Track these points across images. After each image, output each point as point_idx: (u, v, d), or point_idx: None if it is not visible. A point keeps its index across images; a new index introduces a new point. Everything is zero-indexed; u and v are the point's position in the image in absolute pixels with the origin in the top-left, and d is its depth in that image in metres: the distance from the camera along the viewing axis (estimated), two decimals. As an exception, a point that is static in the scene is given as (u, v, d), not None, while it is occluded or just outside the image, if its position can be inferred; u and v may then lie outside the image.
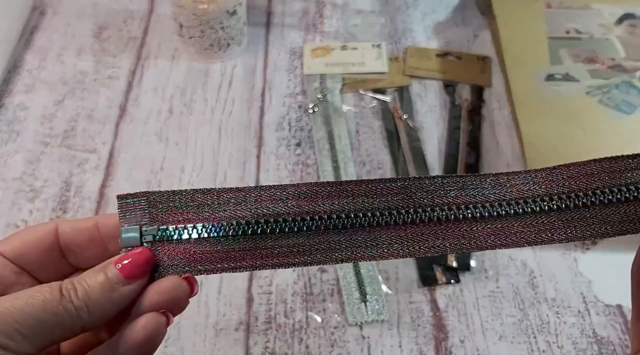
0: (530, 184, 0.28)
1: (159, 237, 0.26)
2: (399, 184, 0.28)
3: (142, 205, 0.27)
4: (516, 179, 0.28)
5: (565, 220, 0.28)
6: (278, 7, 0.71)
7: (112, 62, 0.63)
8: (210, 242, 0.26)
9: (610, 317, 0.47)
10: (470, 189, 0.28)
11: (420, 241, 0.27)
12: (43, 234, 0.27)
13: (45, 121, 0.58)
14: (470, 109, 0.60)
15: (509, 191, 0.28)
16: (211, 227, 0.26)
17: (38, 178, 0.54)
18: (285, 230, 0.27)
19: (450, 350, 0.45)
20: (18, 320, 0.23)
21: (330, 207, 0.27)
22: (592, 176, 0.28)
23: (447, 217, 0.27)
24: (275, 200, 0.27)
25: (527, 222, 0.28)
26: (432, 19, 0.70)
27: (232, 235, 0.26)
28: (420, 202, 0.28)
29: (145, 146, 0.57)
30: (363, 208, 0.27)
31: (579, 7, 0.67)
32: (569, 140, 0.54)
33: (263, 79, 0.63)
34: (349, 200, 0.27)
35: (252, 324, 0.46)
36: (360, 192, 0.27)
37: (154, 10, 0.69)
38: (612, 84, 0.58)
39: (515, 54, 0.63)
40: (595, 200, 0.27)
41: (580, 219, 0.27)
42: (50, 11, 0.68)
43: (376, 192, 0.28)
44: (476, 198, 0.28)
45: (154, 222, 0.26)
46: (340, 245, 0.27)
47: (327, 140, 0.57)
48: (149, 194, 0.27)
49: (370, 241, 0.27)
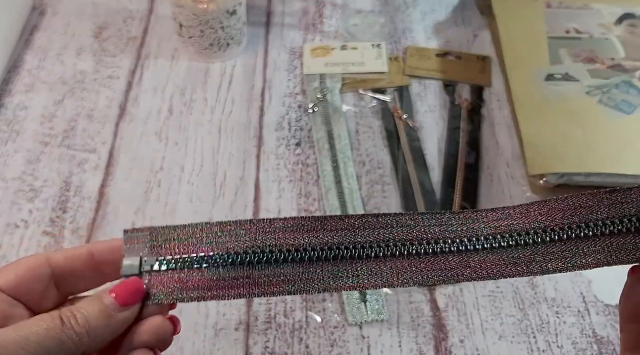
0: (507, 220, 0.29)
1: (157, 267, 0.29)
2: (380, 219, 0.29)
3: (145, 239, 0.29)
4: (493, 215, 0.29)
5: (541, 254, 0.29)
6: (278, 7, 0.71)
7: (112, 62, 0.63)
8: (203, 272, 0.29)
9: (610, 317, 0.47)
10: (448, 226, 0.29)
11: (399, 274, 0.29)
12: (36, 265, 0.29)
13: (45, 121, 0.58)
14: (470, 109, 0.60)
15: (486, 227, 0.29)
16: (205, 258, 0.29)
17: (38, 178, 0.54)
18: (272, 261, 0.29)
19: (450, 350, 0.45)
20: (25, 348, 0.24)
21: (315, 241, 0.29)
22: (567, 212, 0.29)
23: (426, 251, 0.29)
24: (264, 233, 0.29)
25: (502, 256, 0.29)
26: (432, 18, 0.70)
27: (223, 266, 0.29)
28: (400, 237, 0.29)
29: (145, 146, 0.57)
30: (345, 241, 0.29)
31: (579, 7, 0.67)
32: (569, 140, 0.54)
33: (263, 79, 0.63)
34: (333, 234, 0.29)
35: (252, 324, 0.46)
36: (343, 227, 0.29)
37: (154, 10, 0.69)
38: (612, 84, 0.58)
39: (515, 54, 0.63)
40: (572, 235, 0.29)
41: (555, 253, 0.29)
42: (50, 11, 0.68)
43: (359, 226, 0.29)
44: (454, 234, 0.29)
45: (154, 253, 0.29)
46: (323, 276, 0.29)
47: (327, 140, 0.57)
48: (151, 228, 0.30)
49: (352, 272, 0.29)
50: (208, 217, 0.52)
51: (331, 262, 0.29)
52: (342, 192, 0.53)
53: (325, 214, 0.51)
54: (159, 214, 0.52)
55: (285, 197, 0.53)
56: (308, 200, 0.53)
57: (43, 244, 0.50)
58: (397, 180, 0.55)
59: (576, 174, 0.52)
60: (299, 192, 0.54)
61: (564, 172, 0.52)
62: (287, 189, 0.54)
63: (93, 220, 0.51)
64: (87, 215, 0.52)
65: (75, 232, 0.50)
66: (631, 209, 0.28)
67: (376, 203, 0.53)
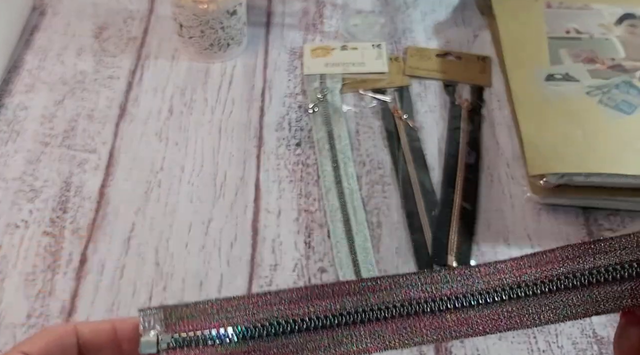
0: (499, 274, 0.30)
1: (172, 344, 0.30)
2: (378, 282, 0.30)
3: (159, 317, 0.31)
4: (486, 269, 0.30)
5: (533, 306, 0.30)
6: (278, 7, 0.70)
7: (112, 62, 0.63)
8: (216, 347, 0.30)
9: (611, 317, 0.47)
10: (444, 283, 0.30)
11: (400, 335, 0.30)
12: (65, 334, 0.30)
13: (45, 121, 0.58)
14: (470, 109, 0.60)
15: (479, 282, 0.30)
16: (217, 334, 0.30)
17: (38, 178, 0.54)
18: (279, 333, 0.30)
19: (450, 350, 0.45)
20: None
21: (319, 308, 0.30)
22: (555, 263, 0.30)
23: (424, 310, 0.30)
24: (271, 305, 0.30)
25: (496, 310, 0.30)
26: (432, 18, 0.70)
27: (235, 341, 0.30)
28: (399, 298, 0.30)
29: (145, 146, 0.57)
30: (347, 307, 0.30)
31: (579, 7, 0.67)
32: (569, 140, 0.54)
33: (263, 79, 0.63)
34: (335, 300, 0.30)
35: (252, 324, 0.46)
36: (345, 292, 0.30)
37: (154, 10, 0.69)
38: (612, 84, 0.58)
39: (515, 54, 0.63)
40: (561, 286, 0.30)
41: (546, 305, 0.30)
42: (50, 11, 0.68)
43: (359, 291, 0.30)
44: (450, 290, 0.30)
45: (169, 331, 0.31)
46: (328, 343, 0.30)
47: (327, 140, 0.57)
48: (165, 307, 0.31)
49: (355, 337, 0.30)
50: (208, 217, 0.52)
51: (335, 328, 0.30)
52: (342, 192, 0.53)
53: (326, 213, 0.52)
54: (159, 214, 0.52)
55: (285, 197, 0.53)
56: (308, 200, 0.53)
57: (43, 244, 0.50)
58: (397, 180, 0.55)
59: (576, 174, 0.52)
60: (299, 192, 0.54)
61: (564, 172, 0.52)
62: (287, 189, 0.54)
63: (93, 220, 0.51)
64: (87, 215, 0.52)
65: (75, 232, 0.50)
66: (615, 258, 0.29)
67: (376, 203, 0.53)
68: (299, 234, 0.51)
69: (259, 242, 0.50)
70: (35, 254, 0.49)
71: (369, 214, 0.52)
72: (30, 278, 0.48)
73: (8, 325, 0.45)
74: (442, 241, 0.50)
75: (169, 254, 0.49)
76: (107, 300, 0.47)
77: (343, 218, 0.52)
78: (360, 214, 0.52)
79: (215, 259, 0.49)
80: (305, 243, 0.51)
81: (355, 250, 0.50)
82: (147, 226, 0.51)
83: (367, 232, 0.51)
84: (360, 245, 0.50)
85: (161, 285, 0.48)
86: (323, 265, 0.49)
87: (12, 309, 0.46)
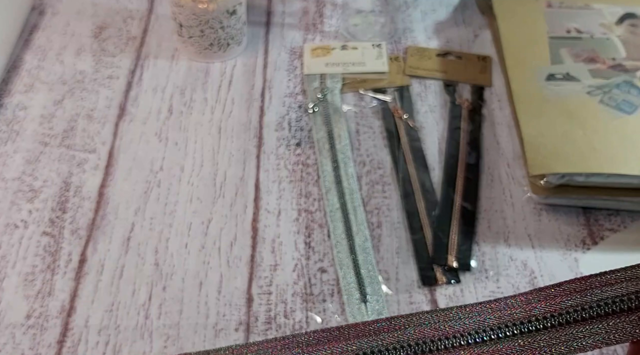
0: (509, 309, 0.31)
1: None
2: (393, 322, 0.31)
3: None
4: (496, 305, 0.31)
5: (544, 340, 0.30)
6: (278, 7, 0.70)
7: (111, 62, 0.63)
8: None
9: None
10: (456, 320, 0.31)
11: None
12: None
13: (45, 121, 0.58)
14: (470, 108, 0.60)
15: (490, 317, 0.31)
16: None
17: (37, 178, 0.54)
18: None
19: None
20: None
21: (336, 350, 0.31)
22: (563, 297, 0.31)
23: (438, 347, 0.30)
24: (289, 349, 0.31)
25: (509, 345, 0.30)
26: (432, 18, 0.70)
27: None
28: (414, 337, 0.31)
29: (144, 146, 0.57)
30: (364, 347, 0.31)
31: (580, 7, 0.67)
32: (570, 140, 0.54)
33: (263, 79, 0.63)
34: (352, 342, 0.31)
35: (252, 325, 0.46)
36: (360, 333, 0.31)
37: (154, 10, 0.69)
38: (612, 84, 0.58)
39: (515, 53, 0.63)
40: (570, 319, 0.30)
41: (556, 337, 0.30)
42: (49, 11, 0.68)
43: (374, 331, 0.31)
44: (462, 327, 0.31)
45: None
46: None
47: (327, 140, 0.57)
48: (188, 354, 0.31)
49: None
50: (207, 217, 0.52)
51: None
52: (342, 192, 0.53)
53: (326, 213, 0.51)
54: (158, 214, 0.52)
55: (285, 197, 0.53)
56: (308, 200, 0.53)
57: (42, 244, 0.50)
58: (397, 180, 0.55)
59: (577, 174, 0.51)
60: (299, 192, 0.54)
61: (565, 172, 0.51)
62: (287, 189, 0.54)
63: (92, 220, 0.51)
64: (86, 215, 0.51)
65: (74, 232, 0.50)
66: (621, 290, 0.30)
67: (376, 203, 0.53)
68: (299, 234, 0.51)
69: (259, 242, 0.50)
70: (35, 254, 0.49)
71: (369, 214, 0.52)
72: (30, 278, 0.47)
73: (7, 326, 0.45)
74: (442, 241, 0.50)
75: (168, 254, 0.49)
76: (106, 301, 0.46)
77: (343, 218, 0.51)
78: (360, 214, 0.52)
79: (215, 259, 0.49)
80: (305, 243, 0.50)
81: (355, 250, 0.49)
82: (147, 226, 0.51)
83: (367, 232, 0.51)
84: (360, 245, 0.50)
85: (161, 285, 0.47)
86: (323, 265, 0.49)
87: (12, 309, 0.46)
